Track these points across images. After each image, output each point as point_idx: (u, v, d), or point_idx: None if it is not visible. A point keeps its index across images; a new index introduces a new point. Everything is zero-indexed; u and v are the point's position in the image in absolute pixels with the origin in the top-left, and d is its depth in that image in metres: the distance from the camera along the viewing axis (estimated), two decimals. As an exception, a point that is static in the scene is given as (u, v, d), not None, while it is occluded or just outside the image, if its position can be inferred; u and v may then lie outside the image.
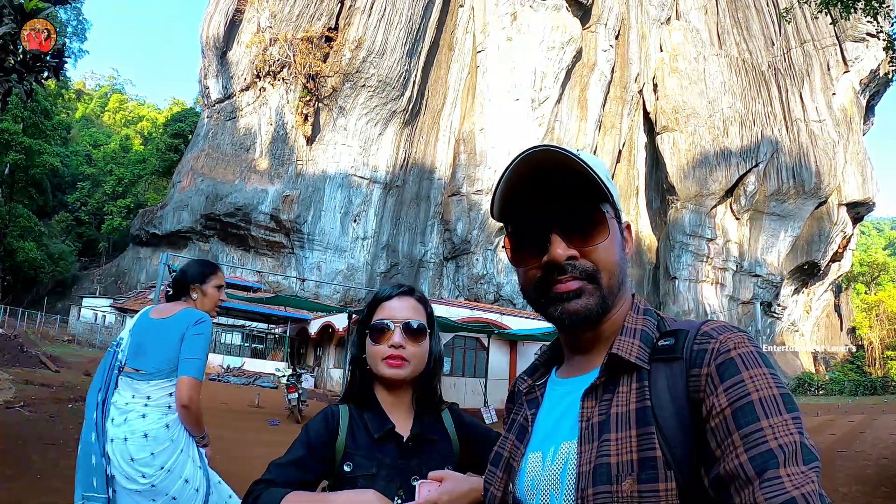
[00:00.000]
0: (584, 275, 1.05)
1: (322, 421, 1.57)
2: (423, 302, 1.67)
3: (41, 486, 6.18)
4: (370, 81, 46.81)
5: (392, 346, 1.55)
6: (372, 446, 1.52)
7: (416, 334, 1.58)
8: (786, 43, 54.96)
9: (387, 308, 1.61)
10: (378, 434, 1.53)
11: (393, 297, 1.63)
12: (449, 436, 1.63)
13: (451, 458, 1.58)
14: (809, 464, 0.80)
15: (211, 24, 48.48)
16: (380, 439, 1.53)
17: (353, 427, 1.55)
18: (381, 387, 1.61)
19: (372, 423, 1.55)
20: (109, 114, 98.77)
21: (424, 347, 1.61)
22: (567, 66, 50.72)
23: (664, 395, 0.94)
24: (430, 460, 1.53)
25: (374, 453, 1.51)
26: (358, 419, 1.57)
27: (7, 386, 12.33)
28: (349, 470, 1.48)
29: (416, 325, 1.59)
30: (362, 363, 1.63)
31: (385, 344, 1.56)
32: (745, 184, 51.52)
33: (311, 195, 45.88)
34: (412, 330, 1.58)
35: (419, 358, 1.59)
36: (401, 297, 1.63)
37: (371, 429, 1.54)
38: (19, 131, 45.46)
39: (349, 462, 1.49)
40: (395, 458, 1.51)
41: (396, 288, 1.66)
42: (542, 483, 1.05)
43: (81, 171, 65.61)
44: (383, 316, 1.59)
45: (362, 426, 1.55)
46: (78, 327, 40.75)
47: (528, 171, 1.07)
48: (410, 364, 1.57)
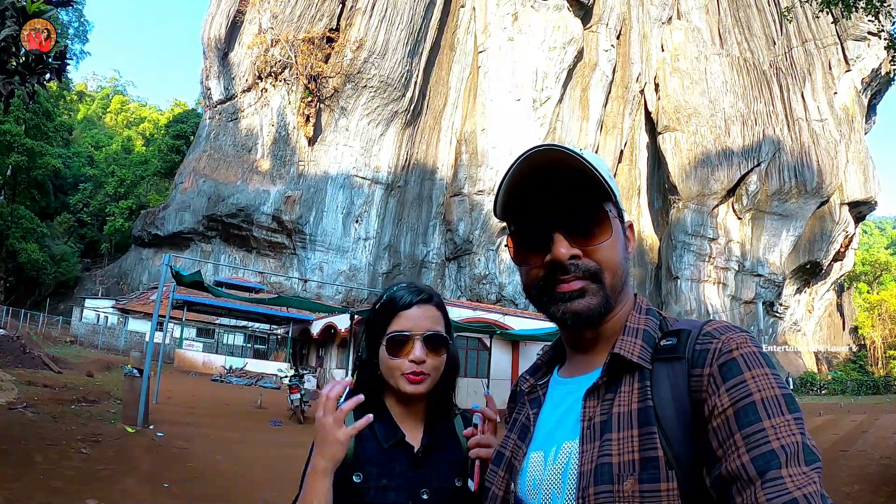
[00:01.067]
0: (587, 274, 1.05)
1: None
2: (442, 308, 1.56)
3: (43, 486, 6.19)
4: (371, 82, 46.85)
5: (413, 360, 1.45)
6: (382, 456, 1.45)
7: (438, 346, 1.49)
8: (787, 42, 54.89)
9: (406, 318, 1.48)
10: (388, 443, 1.46)
11: (413, 305, 1.50)
12: (459, 443, 1.57)
13: (460, 468, 1.51)
14: (811, 464, 0.80)
15: (212, 25, 48.54)
16: (390, 448, 1.46)
17: (362, 435, 1.45)
18: (394, 396, 1.54)
19: (381, 432, 1.48)
20: (111, 115, 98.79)
21: (444, 358, 1.52)
22: (568, 66, 50.73)
23: (666, 395, 0.94)
24: (440, 470, 1.48)
25: (385, 463, 1.44)
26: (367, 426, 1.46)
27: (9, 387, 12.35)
28: (359, 481, 1.41)
29: (439, 339, 1.49)
30: (373, 368, 1.53)
31: (405, 358, 1.46)
32: (747, 183, 51.46)
33: (313, 196, 45.93)
34: (434, 343, 1.48)
35: (439, 370, 1.50)
36: (420, 306, 1.51)
37: (381, 437, 1.47)
38: (21, 133, 45.47)
39: (359, 473, 1.42)
40: (406, 468, 1.45)
41: (415, 294, 1.52)
42: (543, 482, 1.04)
43: (83, 172, 65.59)
44: (403, 328, 1.47)
45: (371, 435, 1.47)
46: (80, 328, 40.73)
47: (531, 170, 1.07)
48: (430, 378, 1.48)
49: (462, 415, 1.65)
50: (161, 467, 8.08)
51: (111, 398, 14.40)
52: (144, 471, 7.68)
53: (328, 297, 43.37)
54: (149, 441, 9.69)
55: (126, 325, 41.17)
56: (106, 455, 8.18)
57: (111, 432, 9.83)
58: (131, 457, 8.36)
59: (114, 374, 20.97)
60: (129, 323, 41.14)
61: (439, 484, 1.46)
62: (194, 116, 69.88)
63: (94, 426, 10.13)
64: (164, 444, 9.73)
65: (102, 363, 24.61)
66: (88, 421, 10.60)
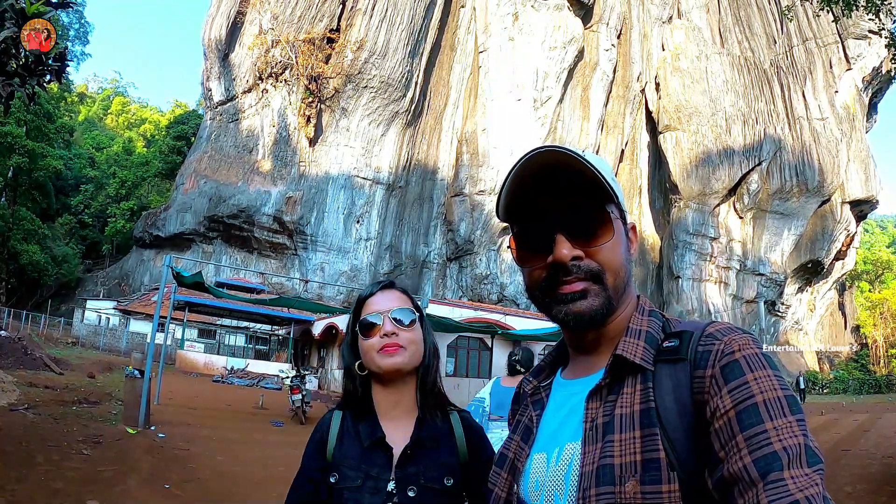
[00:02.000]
0: (590, 275, 1.05)
1: (314, 435, 1.56)
2: (406, 293, 1.64)
3: (45, 487, 6.20)
4: (372, 82, 46.88)
5: (384, 335, 1.52)
6: (361, 456, 1.47)
7: (408, 321, 1.55)
8: (788, 41, 54.90)
9: (371, 304, 1.58)
10: (367, 442, 1.49)
11: (375, 293, 1.61)
12: (456, 441, 1.57)
13: (452, 468, 1.51)
14: (814, 466, 0.79)
15: (213, 26, 48.55)
16: (369, 448, 1.48)
17: (344, 434, 1.52)
18: (380, 387, 1.57)
19: (363, 432, 1.51)
20: (112, 116, 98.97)
21: (418, 333, 1.58)
22: (569, 65, 50.74)
23: (668, 396, 0.94)
24: (429, 468, 1.48)
25: (361, 464, 1.46)
26: (351, 426, 1.54)
27: (11, 388, 12.36)
28: (334, 482, 1.44)
29: (405, 313, 1.56)
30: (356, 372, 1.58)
31: (377, 336, 1.52)
32: (748, 182, 51.45)
33: (314, 196, 45.97)
34: (401, 318, 1.55)
35: (415, 343, 1.56)
36: (383, 292, 1.61)
37: (362, 437, 1.50)
38: (22, 134, 45.53)
39: (335, 473, 1.45)
40: (384, 469, 1.46)
41: (376, 285, 1.64)
42: (546, 484, 1.04)
43: (84, 173, 65.61)
44: (369, 311, 1.57)
45: (353, 434, 1.51)
46: (82, 330, 40.78)
47: (534, 171, 1.07)
48: (407, 350, 1.52)
49: (461, 413, 1.65)
50: (162, 468, 8.08)
51: (112, 399, 14.41)
52: (146, 472, 7.68)
53: (329, 297, 43.40)
54: (150, 442, 9.69)
55: (127, 326, 41.23)
56: (107, 456, 8.18)
57: (112, 433, 9.83)
58: (132, 458, 8.36)
59: (115, 376, 20.99)
60: (130, 324, 41.19)
61: (428, 482, 1.46)
62: (195, 117, 69.93)
63: (95, 427, 10.14)
64: (166, 446, 9.73)
65: (104, 364, 24.64)
66: (90, 422, 10.60)
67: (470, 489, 1.51)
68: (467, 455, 1.56)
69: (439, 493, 1.46)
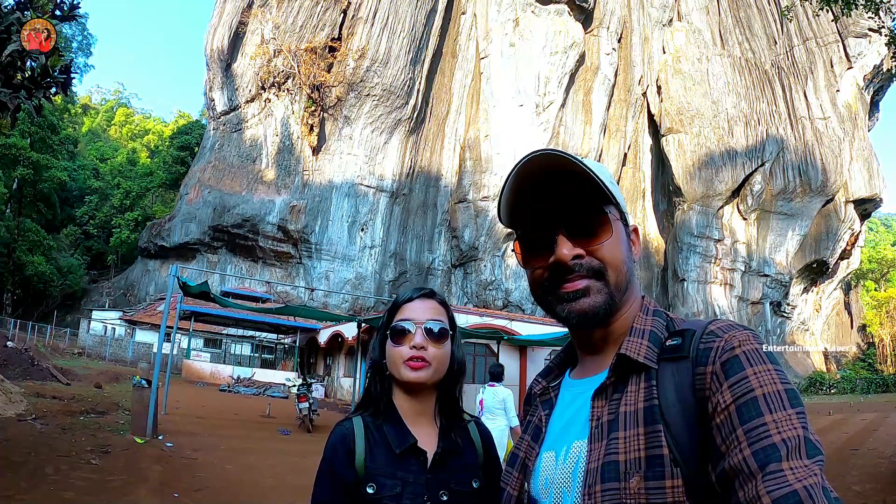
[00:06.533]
0: (591, 272, 1.07)
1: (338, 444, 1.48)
2: (445, 305, 1.61)
3: (55, 497, 6.22)
4: (374, 90, 47.01)
5: (414, 346, 1.49)
6: (394, 463, 1.45)
7: (438, 336, 1.52)
8: (788, 41, 54.89)
9: (407, 310, 1.56)
10: (399, 449, 1.47)
11: (414, 299, 1.58)
12: (475, 448, 1.57)
13: (476, 471, 1.52)
14: (813, 457, 0.80)
15: (215, 36, 48.76)
16: (402, 454, 1.46)
17: (371, 442, 1.47)
18: (402, 395, 1.55)
19: (392, 437, 1.48)
20: (116, 127, 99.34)
21: (446, 350, 1.55)
22: (570, 70, 50.79)
23: (671, 393, 0.95)
24: (458, 472, 1.49)
25: (397, 471, 1.44)
26: (375, 432, 1.49)
27: (19, 399, 12.39)
28: (372, 492, 1.40)
29: (438, 328, 1.53)
30: (382, 369, 1.57)
31: (406, 345, 1.50)
32: (752, 183, 51.38)
33: (318, 205, 46.05)
34: (434, 331, 1.52)
35: (441, 361, 1.53)
36: (422, 300, 1.58)
37: (392, 443, 1.47)
38: (27, 146, 45.83)
39: (372, 483, 1.42)
40: (419, 474, 1.44)
41: (417, 291, 1.60)
42: (554, 481, 1.06)
43: (89, 184, 65.91)
44: (404, 317, 1.54)
45: (381, 440, 1.48)
46: (88, 340, 40.90)
47: (532, 174, 1.09)
48: (432, 366, 1.50)
49: (475, 421, 1.66)
50: (171, 477, 8.10)
51: (120, 409, 14.43)
52: (154, 481, 7.69)
53: (335, 305, 43.43)
54: (158, 451, 9.71)
55: (133, 336, 41.34)
56: (116, 466, 8.20)
57: (121, 443, 9.85)
58: (141, 467, 8.37)
59: (122, 386, 21.02)
60: (136, 334, 41.29)
61: (457, 486, 1.47)
62: (198, 128, 70.18)
63: (103, 437, 10.15)
64: (174, 455, 9.74)
65: (110, 374, 24.66)
66: (98, 432, 10.62)
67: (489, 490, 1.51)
68: (483, 458, 1.57)
69: (468, 496, 1.47)
